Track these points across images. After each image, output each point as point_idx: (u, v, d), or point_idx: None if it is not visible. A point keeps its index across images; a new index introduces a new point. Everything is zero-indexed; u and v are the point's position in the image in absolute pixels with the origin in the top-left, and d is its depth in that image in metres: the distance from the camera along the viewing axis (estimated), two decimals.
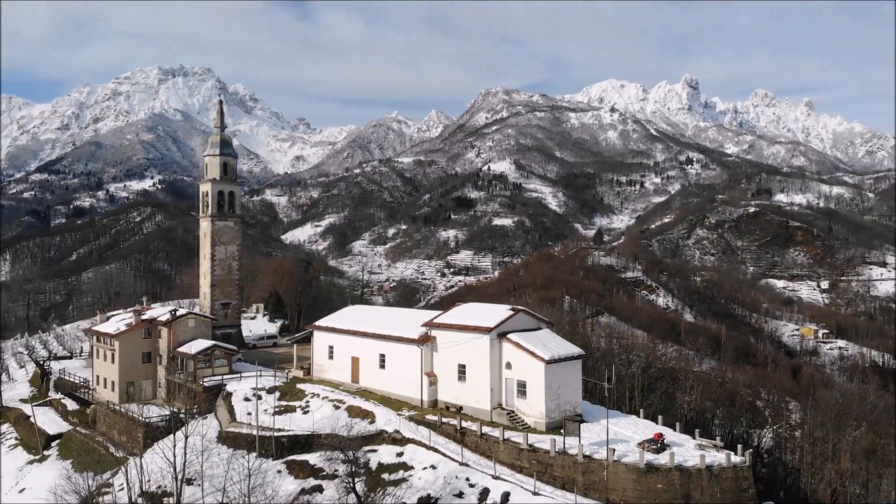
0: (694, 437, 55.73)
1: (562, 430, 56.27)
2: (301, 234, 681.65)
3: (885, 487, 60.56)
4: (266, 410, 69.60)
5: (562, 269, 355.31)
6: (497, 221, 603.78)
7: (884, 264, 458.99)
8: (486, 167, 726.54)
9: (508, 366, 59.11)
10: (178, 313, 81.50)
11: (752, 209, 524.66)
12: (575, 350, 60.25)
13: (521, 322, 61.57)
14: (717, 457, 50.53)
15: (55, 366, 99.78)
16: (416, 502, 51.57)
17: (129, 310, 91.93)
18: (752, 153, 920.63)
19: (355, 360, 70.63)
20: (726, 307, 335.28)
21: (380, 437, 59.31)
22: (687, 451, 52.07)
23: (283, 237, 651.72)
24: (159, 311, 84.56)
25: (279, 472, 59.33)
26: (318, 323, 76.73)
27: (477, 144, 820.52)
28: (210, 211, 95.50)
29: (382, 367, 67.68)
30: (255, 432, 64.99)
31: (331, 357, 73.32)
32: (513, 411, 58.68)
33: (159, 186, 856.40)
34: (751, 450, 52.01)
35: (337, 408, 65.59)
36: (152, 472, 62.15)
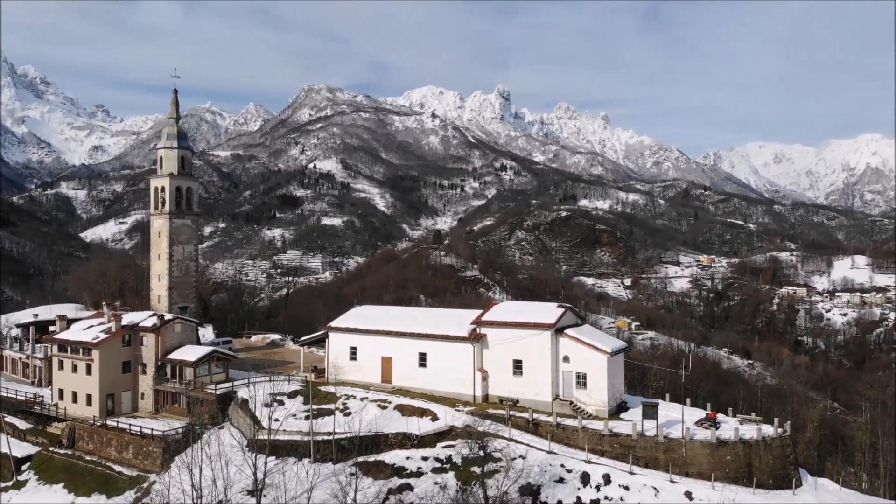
0: (727, 415, 64.05)
1: (621, 416, 62.36)
2: (104, 232, 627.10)
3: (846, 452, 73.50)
4: (295, 415, 67.81)
5: (409, 268, 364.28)
6: (326, 221, 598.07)
7: (677, 263, 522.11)
8: (311, 165, 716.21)
9: (566, 359, 63.54)
10: (166, 318, 75.53)
11: (563, 213, 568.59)
12: (622, 343, 66.37)
13: (568, 319, 66.37)
14: (768, 430, 59.00)
15: None
16: (517, 490, 54.32)
17: (100, 314, 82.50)
18: (556, 161, 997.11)
19: (386, 360, 70.84)
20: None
21: (451, 433, 60.82)
22: (733, 426, 59.98)
23: (82, 235, 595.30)
24: (138, 317, 77.29)
25: (352, 474, 58.62)
26: (334, 324, 75.38)
27: (301, 141, 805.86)
28: (168, 208, 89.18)
29: (423, 365, 68.75)
30: (297, 438, 63.49)
31: (353, 358, 72.64)
32: (572, 402, 63.22)
33: None
34: (789, 422, 61.19)
35: (383, 407, 65.68)
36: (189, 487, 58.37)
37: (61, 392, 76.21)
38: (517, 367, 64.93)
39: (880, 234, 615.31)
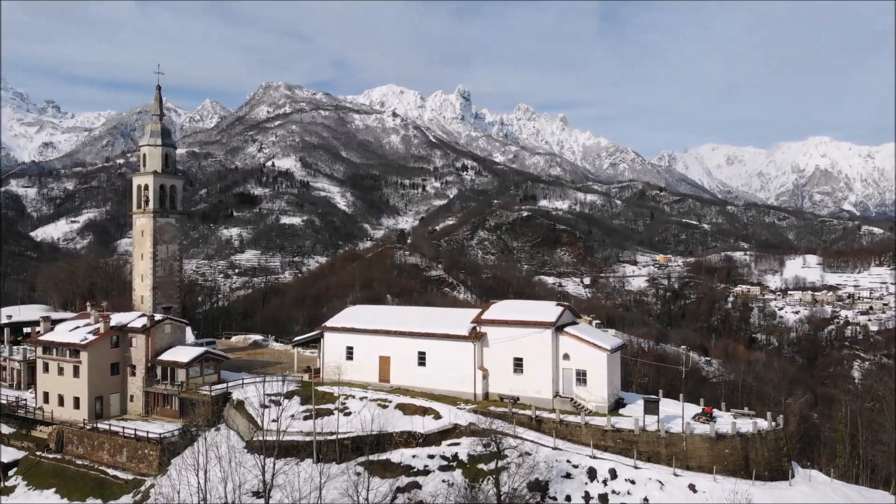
0: (720, 409, 65.91)
1: (620, 412, 63.72)
2: (54, 231, 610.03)
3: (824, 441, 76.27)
4: (294, 416, 67.32)
5: (374, 268, 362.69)
6: (285, 220, 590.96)
7: (635, 262, 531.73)
8: (269, 163, 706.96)
9: (566, 357, 64.57)
10: (156, 318, 74.09)
11: (524, 213, 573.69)
12: (619, 341, 67.69)
13: (567, 317, 67.43)
14: (762, 423, 60.96)
15: None
16: (526, 486, 55.02)
17: (84, 314, 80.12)
18: (516, 162, 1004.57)
19: (384, 360, 70.86)
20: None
21: (456, 431, 61.25)
22: (729, 420, 61.82)
23: (33, 234, 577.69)
24: (127, 317, 75.50)
25: (358, 474, 58.52)
26: (329, 324, 74.98)
27: (259, 139, 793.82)
28: (152, 206, 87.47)
29: (422, 364, 68.99)
30: (298, 438, 63.21)
31: (349, 358, 72.42)
32: (572, 398, 64.27)
33: None
34: (781, 415, 63.32)
35: (384, 406, 65.67)
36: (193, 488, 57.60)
37: (46, 395, 74.15)
38: (518, 364, 65.73)
39: (829, 234, 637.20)
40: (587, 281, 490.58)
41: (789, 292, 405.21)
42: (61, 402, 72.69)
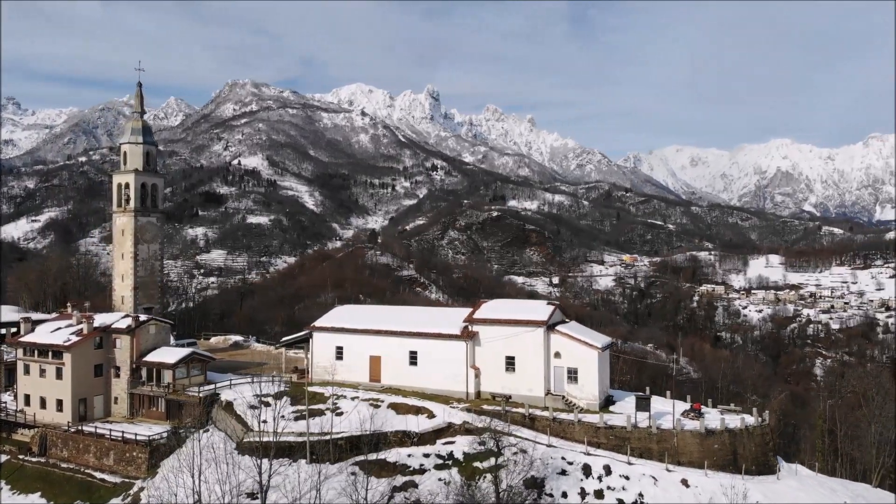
0: (706, 406, 67.32)
1: (610, 409, 64.67)
2: (15, 231, 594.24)
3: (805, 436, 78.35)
4: (284, 416, 66.83)
5: (345, 267, 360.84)
6: (252, 219, 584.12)
7: (602, 262, 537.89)
8: (236, 161, 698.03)
9: (557, 355, 65.29)
10: (140, 319, 72.90)
11: (494, 213, 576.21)
12: (608, 339, 68.71)
13: (557, 316, 68.19)
14: (750, 419, 62.45)
15: None
16: (522, 483, 55.52)
17: (65, 315, 78.26)
18: (485, 163, 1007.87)
19: (375, 359, 70.77)
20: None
21: (450, 430, 61.52)
22: (717, 416, 63.21)
23: None
24: (110, 318, 74.09)
25: (353, 474, 58.42)
26: (318, 324, 74.56)
27: (225, 137, 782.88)
28: (133, 205, 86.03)
29: (413, 363, 69.10)
30: (291, 439, 62.81)
31: (339, 358, 72.17)
32: (563, 396, 65.02)
33: None
34: (767, 411, 64.92)
35: (376, 406, 65.58)
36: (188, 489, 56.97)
37: (27, 397, 72.45)
38: (510, 363, 66.27)
39: (790, 234, 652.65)
40: (556, 280, 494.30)
41: (753, 291, 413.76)
42: (43, 404, 71.16)
